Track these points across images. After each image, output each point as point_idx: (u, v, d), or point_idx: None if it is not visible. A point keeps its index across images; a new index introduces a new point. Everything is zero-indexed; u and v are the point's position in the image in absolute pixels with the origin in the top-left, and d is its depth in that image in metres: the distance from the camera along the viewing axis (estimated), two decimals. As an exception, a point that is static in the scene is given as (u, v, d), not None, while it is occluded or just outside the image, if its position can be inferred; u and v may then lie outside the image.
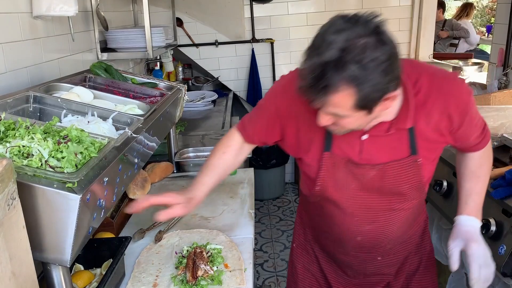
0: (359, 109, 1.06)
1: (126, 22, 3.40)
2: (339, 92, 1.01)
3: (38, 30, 1.91)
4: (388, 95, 1.06)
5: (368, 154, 1.27)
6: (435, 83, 1.23)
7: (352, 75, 0.98)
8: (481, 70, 3.44)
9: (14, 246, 0.81)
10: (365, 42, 0.98)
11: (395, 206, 1.36)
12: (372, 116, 1.12)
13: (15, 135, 1.06)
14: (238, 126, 1.51)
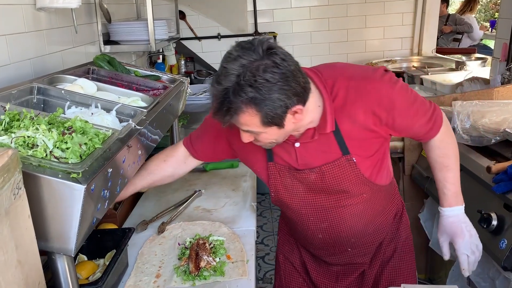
0: (268, 125, 1.17)
1: (129, 15, 3.39)
2: (243, 113, 1.13)
3: (41, 22, 1.91)
4: (293, 109, 1.16)
5: (304, 159, 1.36)
6: (351, 85, 1.29)
7: (249, 97, 1.10)
8: (484, 65, 3.43)
9: (19, 235, 0.82)
10: (257, 65, 1.10)
11: (343, 202, 1.42)
12: (287, 129, 1.22)
13: (19, 126, 1.06)
14: (185, 142, 1.63)
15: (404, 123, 1.35)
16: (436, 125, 1.41)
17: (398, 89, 1.31)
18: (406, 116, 1.34)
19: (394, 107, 1.29)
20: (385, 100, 1.28)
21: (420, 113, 1.37)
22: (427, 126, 1.40)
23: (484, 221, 1.84)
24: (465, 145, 2.19)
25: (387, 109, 1.29)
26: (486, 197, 1.92)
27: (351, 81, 1.30)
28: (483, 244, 1.89)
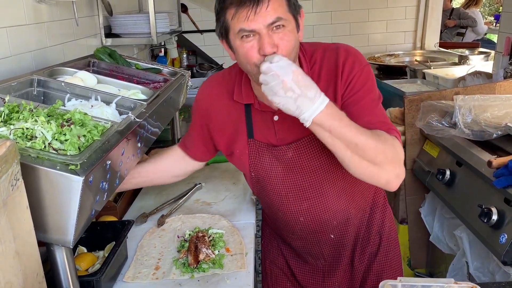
0: (291, 13, 1.18)
1: (131, 8, 3.38)
2: None
3: (42, 15, 1.90)
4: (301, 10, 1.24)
5: (282, 134, 1.33)
6: (326, 54, 1.29)
7: None
8: (487, 59, 3.40)
9: (18, 226, 0.83)
10: None
11: (322, 178, 1.37)
12: (298, 38, 1.22)
13: (19, 117, 1.07)
14: (179, 145, 1.63)
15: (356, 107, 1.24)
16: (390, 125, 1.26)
17: (366, 69, 1.29)
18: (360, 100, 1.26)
19: (353, 81, 1.26)
20: (347, 69, 1.26)
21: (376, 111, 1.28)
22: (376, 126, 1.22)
23: (484, 215, 1.84)
24: (467, 139, 2.18)
25: (347, 80, 1.26)
26: (487, 192, 1.92)
27: (327, 50, 1.30)
28: (483, 238, 1.90)
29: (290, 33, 1.17)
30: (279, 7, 1.15)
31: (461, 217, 2.08)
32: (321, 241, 1.54)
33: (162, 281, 1.26)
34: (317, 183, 1.38)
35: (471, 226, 1.98)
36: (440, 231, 2.42)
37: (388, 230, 1.60)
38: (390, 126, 1.25)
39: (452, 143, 2.24)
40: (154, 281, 1.27)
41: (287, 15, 1.17)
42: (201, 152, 1.58)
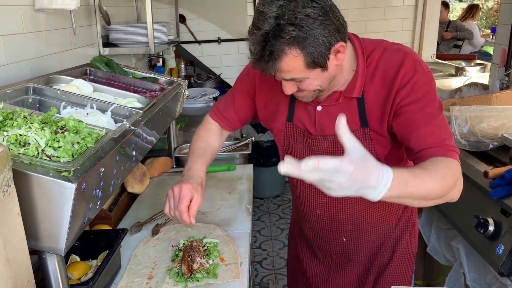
0: (312, 67, 1.13)
1: (129, 18, 3.40)
2: (286, 55, 1.09)
3: (40, 23, 1.91)
4: (336, 46, 1.12)
5: (321, 125, 1.33)
6: (386, 54, 1.25)
7: (292, 36, 1.06)
8: (484, 70, 3.43)
9: (8, 233, 0.82)
10: (295, 3, 1.06)
11: None
12: (331, 72, 1.18)
13: (13, 124, 1.06)
14: (214, 117, 1.62)
15: (413, 117, 1.20)
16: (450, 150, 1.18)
17: (429, 77, 1.22)
18: (421, 110, 1.19)
19: (413, 89, 1.19)
20: (407, 76, 1.19)
21: (438, 122, 1.20)
22: (438, 141, 1.17)
23: (481, 226, 1.83)
24: (463, 150, 2.18)
25: (407, 88, 1.20)
26: (483, 202, 1.92)
27: (386, 51, 1.25)
28: (480, 249, 1.89)
29: (309, 81, 1.18)
30: (293, 71, 1.14)
31: (457, 228, 2.07)
32: (332, 241, 1.53)
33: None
34: None
35: (468, 237, 1.97)
36: (437, 242, 2.41)
37: (405, 246, 1.56)
38: (448, 145, 1.17)
39: (448, 154, 2.24)
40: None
41: (307, 72, 1.15)
42: (237, 122, 1.59)
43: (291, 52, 1.09)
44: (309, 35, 1.07)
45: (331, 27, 1.09)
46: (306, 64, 1.12)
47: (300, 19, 1.06)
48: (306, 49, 1.08)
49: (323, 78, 1.19)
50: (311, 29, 1.06)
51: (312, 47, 1.08)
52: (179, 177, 2.13)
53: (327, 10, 1.09)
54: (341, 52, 1.15)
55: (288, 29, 1.06)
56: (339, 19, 1.13)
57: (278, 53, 1.09)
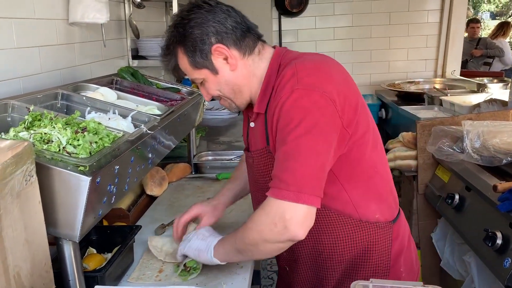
0: (198, 67, 1.26)
1: (159, 32, 3.55)
2: (176, 55, 1.28)
3: (73, 36, 2.07)
4: (213, 47, 1.22)
5: (251, 141, 1.40)
6: (284, 70, 1.23)
7: (174, 35, 1.25)
8: (506, 87, 3.41)
9: (29, 217, 0.93)
10: (180, 10, 1.26)
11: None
12: (227, 77, 1.27)
13: (40, 125, 1.19)
14: None
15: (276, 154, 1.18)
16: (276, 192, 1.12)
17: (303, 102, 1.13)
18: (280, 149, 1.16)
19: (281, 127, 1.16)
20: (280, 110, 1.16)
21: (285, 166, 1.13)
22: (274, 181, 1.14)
23: (489, 239, 1.84)
24: (476, 165, 2.19)
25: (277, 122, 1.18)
26: (492, 216, 1.93)
27: (288, 66, 1.23)
28: (488, 262, 1.90)
29: (210, 83, 1.30)
30: (187, 70, 1.30)
31: (468, 242, 2.09)
32: (279, 267, 1.53)
33: (163, 282, 1.33)
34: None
35: (477, 251, 1.98)
36: (451, 257, 2.41)
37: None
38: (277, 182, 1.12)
39: (461, 168, 2.26)
40: (156, 282, 1.35)
41: (197, 73, 1.28)
42: None
43: (177, 52, 1.27)
44: (186, 35, 1.23)
45: (208, 29, 1.22)
46: (191, 64, 1.26)
47: (177, 21, 1.25)
48: (186, 48, 1.24)
49: (218, 82, 1.29)
50: (185, 29, 1.22)
51: (189, 47, 1.23)
52: (197, 183, 2.25)
53: (206, 15, 1.22)
54: (228, 57, 1.24)
55: (172, 30, 1.27)
56: (225, 25, 1.23)
57: (169, 52, 1.29)
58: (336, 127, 1.16)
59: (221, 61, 1.26)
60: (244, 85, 1.30)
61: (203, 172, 2.35)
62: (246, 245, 1.21)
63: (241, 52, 1.26)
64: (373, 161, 1.31)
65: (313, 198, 1.11)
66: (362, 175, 1.29)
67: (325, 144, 1.14)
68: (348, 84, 1.26)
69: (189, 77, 1.33)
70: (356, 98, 1.25)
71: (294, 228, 1.10)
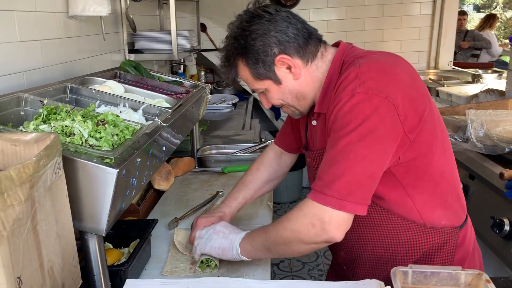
0: (260, 78, 1.25)
1: (152, 26, 3.53)
2: (238, 66, 1.27)
3: (72, 30, 2.03)
4: (277, 57, 1.21)
5: (312, 140, 1.38)
6: (349, 66, 1.18)
7: (235, 47, 1.23)
8: (500, 78, 3.46)
9: (59, 210, 0.91)
10: (239, 21, 1.24)
11: None
12: (290, 87, 1.26)
13: (56, 118, 1.16)
14: (275, 142, 1.66)
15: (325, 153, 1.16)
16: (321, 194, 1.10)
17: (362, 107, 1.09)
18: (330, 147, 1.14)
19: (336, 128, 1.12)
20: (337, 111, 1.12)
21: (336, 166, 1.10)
22: (320, 181, 1.12)
23: (496, 226, 1.87)
24: (479, 153, 2.22)
25: (332, 123, 1.14)
26: (499, 203, 1.96)
27: (355, 65, 1.16)
28: (495, 249, 1.93)
29: (271, 94, 1.28)
30: (248, 82, 1.29)
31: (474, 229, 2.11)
32: (338, 266, 1.51)
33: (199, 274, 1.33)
34: None
35: (484, 238, 2.01)
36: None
37: None
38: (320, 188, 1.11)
39: (465, 157, 2.28)
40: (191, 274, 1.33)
41: (259, 83, 1.27)
42: (293, 146, 1.60)
43: (240, 63, 1.25)
44: (248, 46, 1.21)
45: (270, 40, 1.19)
46: (253, 75, 1.25)
47: (238, 33, 1.22)
48: (248, 60, 1.23)
49: (281, 92, 1.27)
50: (248, 41, 1.20)
51: (250, 59, 1.22)
52: (202, 176, 2.23)
53: (267, 25, 1.19)
54: (292, 66, 1.21)
55: (233, 42, 1.23)
56: (287, 33, 1.20)
57: (230, 64, 1.27)
58: (397, 134, 1.11)
59: (284, 70, 1.24)
60: (308, 92, 1.28)
61: (208, 166, 2.33)
62: (278, 244, 1.20)
63: (304, 60, 1.24)
64: (440, 168, 1.25)
65: (356, 207, 1.09)
66: (428, 182, 1.24)
67: (380, 152, 1.10)
68: (417, 88, 1.19)
69: (250, 87, 1.32)
70: (424, 103, 1.17)
71: (332, 231, 1.10)
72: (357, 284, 1.00)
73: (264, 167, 1.62)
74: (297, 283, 1.04)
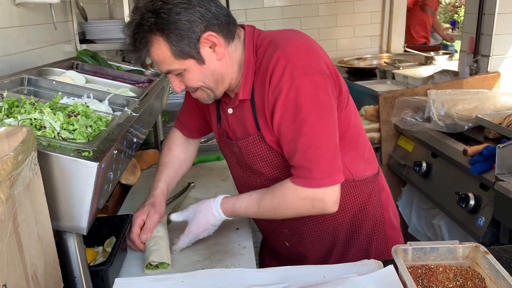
0: (182, 57, 1.13)
1: (102, 15, 3.37)
2: (152, 45, 1.11)
3: (20, 18, 1.89)
4: (204, 35, 1.12)
5: (232, 129, 1.33)
6: (268, 50, 1.18)
7: (151, 23, 1.09)
8: (451, 59, 3.59)
9: (38, 210, 0.83)
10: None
11: (267, 182, 1.31)
12: (212, 67, 1.17)
13: (20, 111, 1.07)
14: (175, 124, 1.62)
15: (282, 131, 1.18)
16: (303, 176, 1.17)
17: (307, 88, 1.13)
18: (289, 123, 1.16)
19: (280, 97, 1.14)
20: (276, 79, 1.14)
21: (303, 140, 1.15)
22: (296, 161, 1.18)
23: (462, 201, 1.94)
24: (440, 132, 2.29)
25: (274, 94, 1.15)
26: (463, 179, 2.03)
27: (270, 45, 1.18)
28: (462, 223, 2.00)
29: (190, 75, 1.17)
30: (165, 61, 1.15)
31: (439, 206, 2.18)
32: (278, 244, 1.51)
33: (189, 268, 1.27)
34: (265, 185, 1.31)
35: (450, 213, 2.08)
36: (418, 222, 2.52)
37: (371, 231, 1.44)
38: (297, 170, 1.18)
39: (427, 136, 2.35)
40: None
41: (179, 63, 1.14)
42: (199, 130, 1.57)
43: (155, 40, 1.11)
44: (170, 21, 1.08)
45: (195, 15, 1.10)
46: (174, 54, 1.12)
47: (158, 6, 1.08)
48: (169, 37, 1.10)
49: (203, 72, 1.18)
50: (169, 15, 1.08)
51: (174, 35, 1.09)
52: (169, 168, 2.15)
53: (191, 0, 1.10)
54: (217, 45, 1.14)
55: (148, 16, 1.09)
56: (211, 11, 1.12)
57: (144, 42, 1.11)
58: (335, 101, 1.20)
59: (208, 50, 1.15)
60: (227, 74, 1.21)
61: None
62: (275, 216, 1.30)
63: (226, 39, 1.17)
64: (355, 125, 1.35)
65: (340, 176, 1.19)
66: (350, 140, 1.33)
67: (334, 121, 1.19)
68: (325, 53, 1.25)
69: (163, 68, 1.17)
70: (335, 68, 1.25)
71: (332, 206, 1.21)
72: (355, 265, 0.99)
73: (175, 148, 1.58)
74: (296, 269, 1.01)
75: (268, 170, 1.31)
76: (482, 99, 2.29)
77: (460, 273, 0.91)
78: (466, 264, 0.94)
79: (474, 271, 0.92)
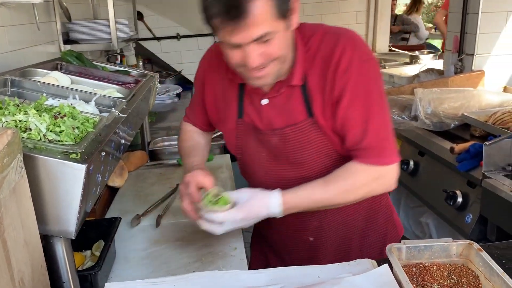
0: (280, 17, 1.05)
1: (85, 15, 3.32)
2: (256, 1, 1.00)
3: (2, 18, 1.84)
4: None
5: (268, 119, 1.27)
6: (325, 38, 1.20)
7: None
8: (436, 58, 3.63)
9: (24, 214, 0.81)
10: None
11: (306, 174, 1.28)
12: (288, 38, 1.14)
13: (4, 113, 1.04)
14: (185, 119, 1.58)
15: (348, 113, 1.18)
16: (369, 153, 1.19)
17: (370, 65, 1.19)
18: (354, 104, 1.17)
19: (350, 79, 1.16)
20: (344, 63, 1.15)
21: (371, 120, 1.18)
22: (362, 141, 1.19)
23: (450, 198, 1.95)
24: (427, 130, 2.31)
25: (342, 76, 1.16)
26: (450, 177, 2.04)
27: (326, 34, 1.20)
28: (449, 221, 2.02)
29: (277, 41, 1.09)
30: (266, 20, 1.04)
31: (427, 203, 2.20)
32: (300, 243, 1.45)
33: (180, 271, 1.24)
34: (301, 177, 1.28)
35: (437, 211, 2.10)
36: (406, 221, 2.53)
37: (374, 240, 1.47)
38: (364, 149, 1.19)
39: (414, 135, 2.36)
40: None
41: (274, 24, 1.06)
42: (204, 123, 1.52)
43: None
44: None
45: None
46: (277, 11, 1.04)
47: None
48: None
49: (286, 40, 1.12)
50: None
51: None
52: (158, 170, 2.13)
53: None
54: (295, 12, 1.11)
55: None
56: None
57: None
58: None
59: (293, 14, 1.11)
60: (288, 53, 1.18)
61: (162, 159, 2.24)
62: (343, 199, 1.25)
63: None
64: None
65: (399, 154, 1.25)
66: None
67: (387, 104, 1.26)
68: None
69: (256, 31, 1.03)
70: None
71: (395, 183, 1.24)
72: (349, 265, 0.98)
73: (194, 133, 1.54)
74: (289, 269, 1.00)
75: (313, 158, 1.27)
76: (467, 98, 2.31)
77: (454, 270, 0.91)
78: (459, 261, 0.94)
79: (468, 269, 0.92)
